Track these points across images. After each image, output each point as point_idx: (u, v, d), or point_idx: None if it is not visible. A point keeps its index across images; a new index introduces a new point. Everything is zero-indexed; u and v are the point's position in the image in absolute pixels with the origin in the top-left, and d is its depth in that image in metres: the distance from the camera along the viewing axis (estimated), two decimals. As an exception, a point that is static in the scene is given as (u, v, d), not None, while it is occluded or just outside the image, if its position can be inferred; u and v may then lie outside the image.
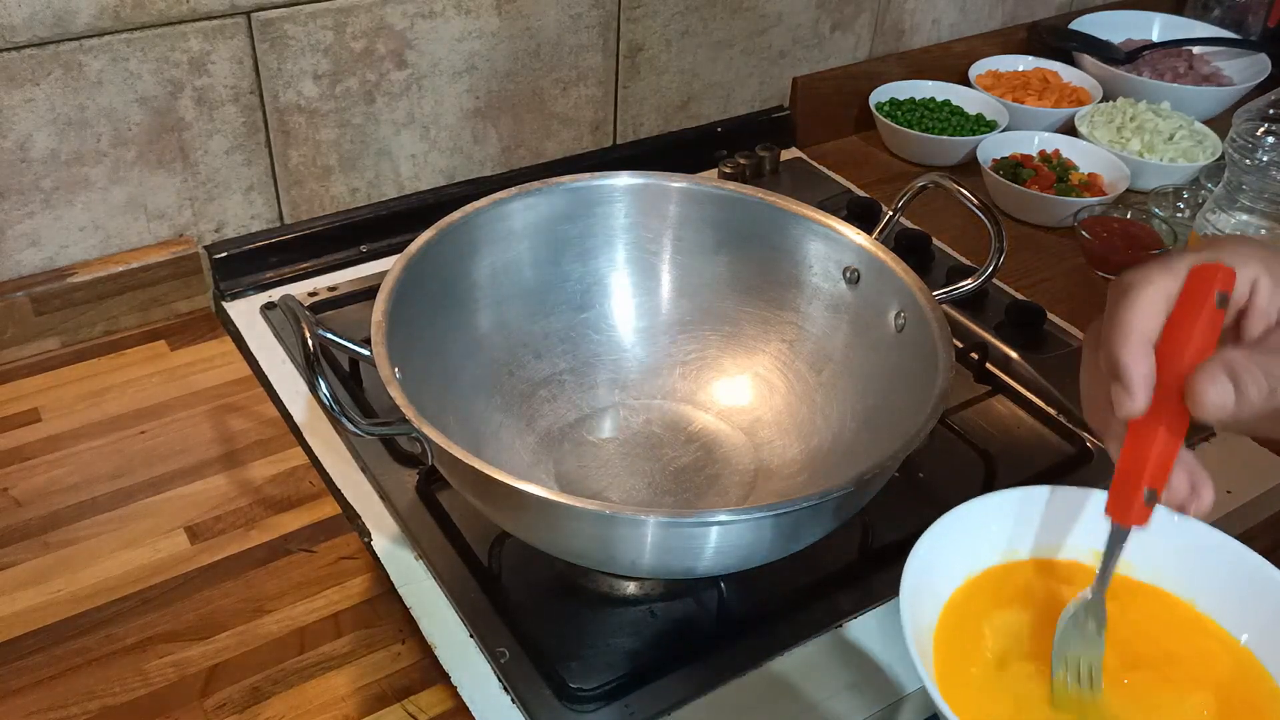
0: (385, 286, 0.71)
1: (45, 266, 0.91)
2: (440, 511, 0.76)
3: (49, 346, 0.91)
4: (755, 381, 0.85)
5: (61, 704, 0.64)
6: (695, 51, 1.16)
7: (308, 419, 0.84)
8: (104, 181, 0.90)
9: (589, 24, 1.07)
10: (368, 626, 0.69)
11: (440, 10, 0.98)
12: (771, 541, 0.64)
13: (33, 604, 0.70)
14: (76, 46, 0.84)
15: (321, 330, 0.67)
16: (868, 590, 0.72)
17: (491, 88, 1.05)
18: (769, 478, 0.79)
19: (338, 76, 0.96)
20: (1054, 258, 1.08)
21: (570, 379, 0.85)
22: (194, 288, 0.95)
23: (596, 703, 0.65)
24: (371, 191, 1.04)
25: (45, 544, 0.74)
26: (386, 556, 0.73)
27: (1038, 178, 1.14)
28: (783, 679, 0.67)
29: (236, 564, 0.73)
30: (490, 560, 0.72)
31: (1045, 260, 1.07)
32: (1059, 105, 1.27)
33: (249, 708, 0.64)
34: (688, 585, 0.72)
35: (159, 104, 0.89)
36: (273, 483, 0.79)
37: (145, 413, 0.84)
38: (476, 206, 0.79)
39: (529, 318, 0.84)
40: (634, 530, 0.61)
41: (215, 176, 0.95)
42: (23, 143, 0.85)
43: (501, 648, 0.67)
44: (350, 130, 0.99)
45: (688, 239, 0.86)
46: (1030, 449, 0.86)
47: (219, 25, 0.89)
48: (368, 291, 0.96)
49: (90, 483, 0.78)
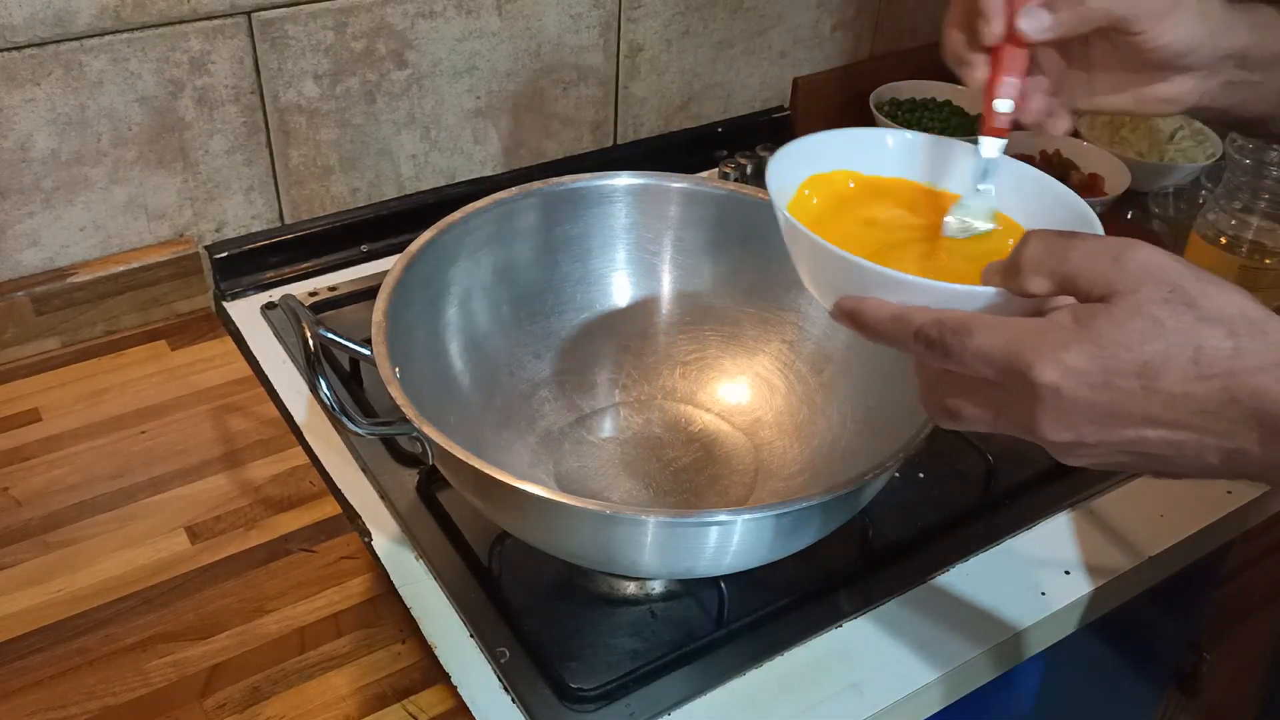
0: (385, 286, 0.71)
1: (45, 266, 0.91)
2: (440, 511, 0.76)
3: (49, 346, 0.91)
4: (755, 382, 0.85)
5: (61, 704, 0.64)
6: (696, 51, 1.16)
7: (308, 419, 0.84)
8: (104, 181, 0.90)
9: (589, 24, 1.07)
10: (368, 626, 0.69)
11: (441, 10, 0.98)
12: (771, 541, 0.64)
13: (33, 604, 0.70)
14: (77, 46, 0.84)
15: (322, 330, 0.67)
16: (868, 590, 0.72)
17: (492, 88, 1.05)
18: (769, 478, 0.79)
19: (338, 76, 0.96)
20: (1054, 258, 1.08)
21: (570, 379, 0.85)
22: (194, 288, 0.95)
23: (596, 703, 0.65)
24: (372, 191, 1.04)
25: (45, 544, 0.74)
26: (386, 556, 0.73)
27: (1038, 178, 1.13)
28: (783, 679, 0.67)
29: (236, 564, 0.73)
30: (490, 560, 0.72)
31: (1045, 260, 1.07)
32: (1059, 105, 1.27)
33: (249, 708, 0.64)
34: (688, 585, 0.72)
35: (159, 104, 0.89)
36: (273, 483, 0.79)
37: (145, 413, 0.84)
38: (476, 206, 0.79)
39: (529, 318, 0.84)
40: (634, 530, 0.61)
41: (216, 176, 0.95)
42: (23, 143, 0.85)
43: (501, 648, 0.67)
44: (351, 130, 0.99)
45: (688, 239, 0.86)
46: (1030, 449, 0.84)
47: (219, 25, 0.89)
48: (368, 291, 0.96)
49: (90, 483, 0.78)
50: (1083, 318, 0.45)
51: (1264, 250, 0.89)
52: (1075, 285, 0.46)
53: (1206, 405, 0.44)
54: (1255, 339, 0.44)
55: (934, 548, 0.76)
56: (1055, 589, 0.74)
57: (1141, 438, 0.46)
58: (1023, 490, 0.81)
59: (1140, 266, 0.45)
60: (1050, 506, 0.80)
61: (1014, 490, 0.81)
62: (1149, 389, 0.44)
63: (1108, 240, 0.47)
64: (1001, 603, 0.73)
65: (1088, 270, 0.46)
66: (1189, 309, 0.44)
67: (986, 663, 0.71)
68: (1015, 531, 0.78)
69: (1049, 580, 0.75)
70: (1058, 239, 0.47)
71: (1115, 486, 0.82)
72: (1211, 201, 0.92)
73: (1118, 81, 0.61)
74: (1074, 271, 0.46)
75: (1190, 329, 0.44)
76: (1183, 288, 0.45)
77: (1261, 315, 0.45)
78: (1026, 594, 0.73)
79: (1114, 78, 0.61)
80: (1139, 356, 0.44)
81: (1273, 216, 0.89)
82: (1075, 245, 0.47)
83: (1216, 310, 0.44)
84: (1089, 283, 0.46)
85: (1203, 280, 0.45)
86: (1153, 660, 1.00)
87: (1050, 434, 0.47)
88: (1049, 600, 0.73)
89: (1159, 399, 0.45)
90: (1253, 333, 0.44)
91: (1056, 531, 0.78)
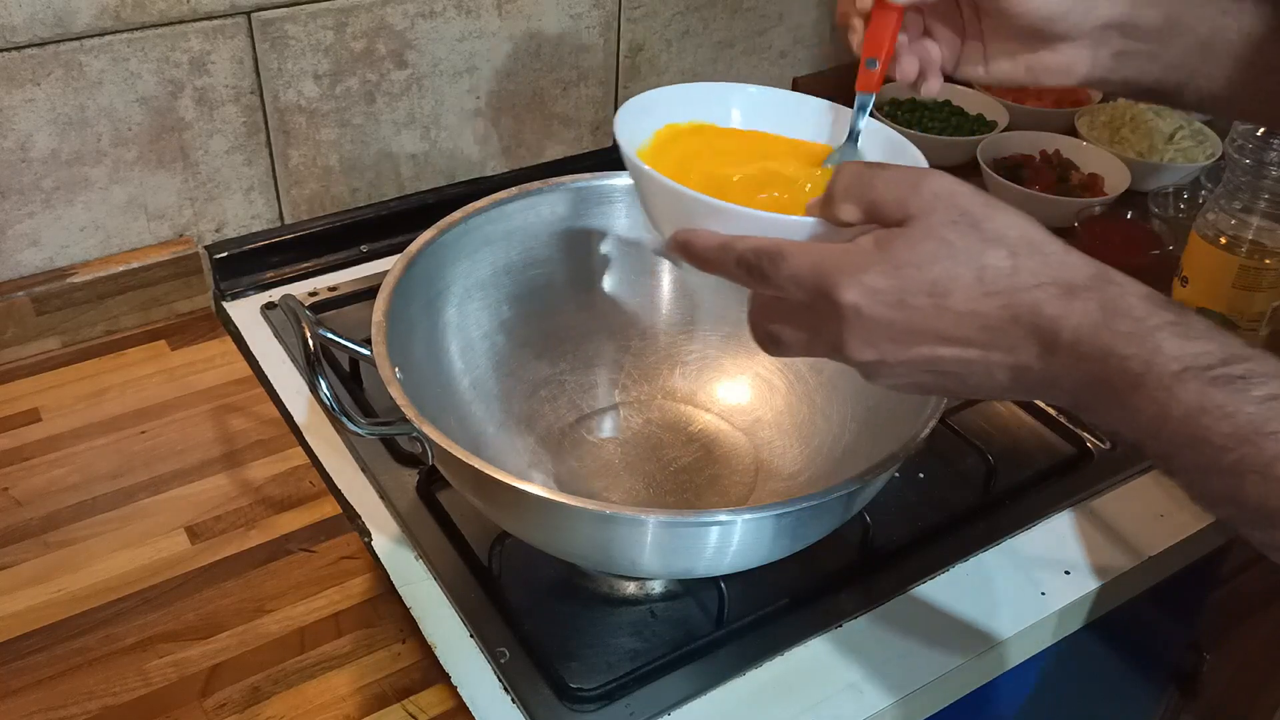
0: (385, 286, 0.71)
1: (45, 266, 0.91)
2: (440, 511, 0.76)
3: (49, 346, 0.91)
4: (755, 382, 0.85)
5: (61, 704, 0.64)
6: (696, 51, 1.16)
7: (308, 419, 0.84)
8: (104, 181, 0.90)
9: (589, 24, 1.07)
10: (368, 626, 0.69)
11: (441, 10, 0.98)
12: (771, 541, 0.64)
13: (33, 604, 0.70)
14: (77, 46, 0.84)
15: (322, 330, 0.67)
16: (868, 590, 0.72)
17: (492, 88, 1.05)
18: (769, 478, 0.79)
19: (338, 76, 0.96)
20: (1054, 258, 1.08)
21: (570, 379, 0.85)
22: (194, 288, 0.95)
23: (596, 703, 0.65)
24: (371, 191, 1.04)
25: (45, 544, 0.74)
26: (386, 556, 0.73)
27: (1038, 178, 1.14)
28: (783, 679, 0.67)
29: (236, 564, 0.73)
30: (490, 560, 0.72)
31: (1045, 260, 1.07)
32: (1059, 105, 1.27)
33: (249, 708, 0.64)
34: (688, 585, 0.72)
35: (159, 104, 0.89)
36: (273, 483, 0.79)
37: (145, 413, 0.84)
38: (476, 206, 0.79)
39: (529, 318, 0.84)
40: (634, 530, 0.61)
41: (215, 176, 0.95)
42: (23, 143, 0.85)
43: (501, 648, 0.67)
44: (351, 130, 0.99)
45: (688, 239, 0.86)
46: (1030, 449, 0.86)
47: (219, 25, 0.89)
48: (368, 291, 0.96)
49: (90, 483, 0.78)
50: (882, 241, 0.48)
51: (1264, 250, 0.89)
52: (879, 212, 0.49)
53: (990, 322, 0.47)
54: (1033, 257, 0.47)
55: (934, 548, 0.76)
56: (1055, 589, 0.74)
57: (936, 355, 0.49)
58: (1023, 490, 0.81)
59: (933, 193, 0.48)
60: (1050, 506, 0.80)
61: (1014, 490, 0.81)
62: (939, 307, 0.47)
63: (908, 170, 0.50)
64: (1002, 603, 0.73)
65: (888, 197, 0.49)
66: (974, 230, 0.47)
67: (987, 663, 0.71)
68: (1015, 531, 0.78)
69: (1049, 580, 0.75)
70: (865, 169, 0.50)
71: (1115, 486, 0.82)
72: (1211, 201, 0.92)
73: (1009, 52, 0.63)
74: (878, 199, 0.49)
75: (976, 249, 0.47)
76: (970, 212, 0.48)
77: (1041, 237, 0.48)
78: (1027, 594, 0.73)
79: (1005, 48, 0.63)
80: (929, 275, 0.47)
81: (1273, 216, 0.89)
82: (879, 175, 0.50)
83: (999, 232, 0.47)
84: (890, 208, 0.49)
85: (990, 206, 0.48)
86: (1153, 660, 1.00)
87: (856, 353, 0.50)
88: (1049, 600, 0.73)
89: (949, 316, 0.47)
90: (1031, 252, 0.47)
91: (1057, 531, 0.78)
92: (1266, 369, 0.44)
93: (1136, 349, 0.45)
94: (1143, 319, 0.45)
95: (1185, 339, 0.45)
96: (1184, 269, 0.94)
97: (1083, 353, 0.46)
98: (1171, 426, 0.45)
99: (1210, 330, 0.46)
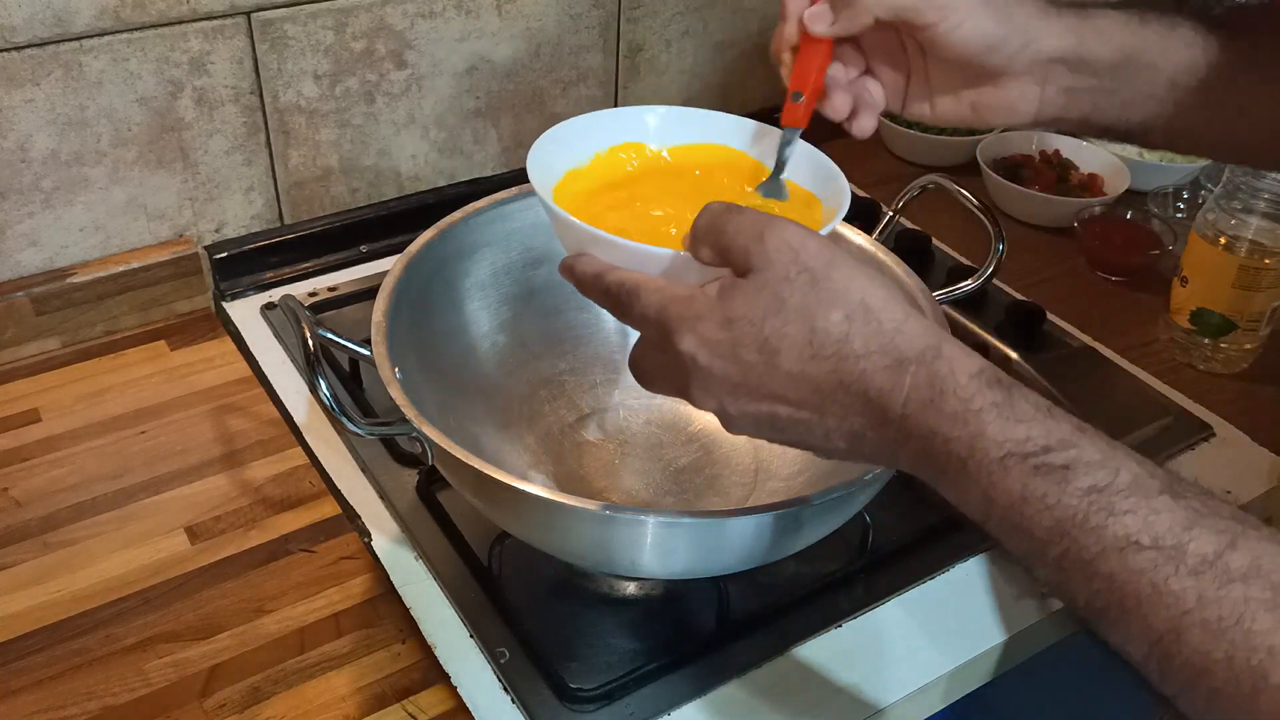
0: (385, 286, 0.71)
1: (45, 266, 0.91)
2: (440, 511, 0.76)
3: (49, 346, 0.91)
4: (755, 381, 0.85)
5: (61, 704, 0.64)
6: (695, 52, 1.16)
7: (308, 419, 0.84)
8: (104, 181, 0.90)
9: (589, 24, 1.07)
10: (368, 626, 0.69)
11: (440, 10, 0.98)
12: (771, 541, 0.64)
13: (33, 604, 0.70)
14: (77, 47, 0.84)
15: (321, 330, 0.67)
16: (868, 590, 0.72)
17: (491, 88, 1.05)
18: (769, 478, 0.79)
19: (338, 76, 0.96)
20: (1054, 258, 1.08)
21: (570, 379, 0.85)
22: (194, 288, 0.95)
23: (596, 703, 0.65)
24: (371, 191, 1.04)
25: (45, 544, 0.74)
26: (386, 556, 0.73)
27: (1038, 178, 1.14)
28: (782, 679, 0.67)
29: (236, 564, 0.73)
30: (490, 560, 0.72)
31: (1045, 260, 1.07)
32: (1059, 105, 1.27)
33: (249, 708, 0.64)
34: (688, 585, 0.72)
35: (159, 104, 0.89)
36: (273, 483, 0.79)
37: (145, 413, 0.84)
38: (476, 206, 0.79)
39: (529, 318, 0.84)
40: (634, 530, 0.61)
41: (215, 176, 0.95)
42: (23, 143, 0.85)
43: (501, 648, 0.67)
44: (350, 130, 0.99)
45: (688, 239, 0.86)
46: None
47: (219, 25, 0.89)
48: (368, 291, 0.96)
49: (90, 483, 0.78)
50: (725, 291, 0.47)
51: (1264, 250, 0.89)
52: (729, 258, 0.48)
53: (820, 386, 0.46)
54: (868, 324, 0.45)
55: (934, 548, 0.76)
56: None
57: (774, 413, 0.47)
58: (1023, 490, 0.81)
59: (777, 246, 0.46)
60: (1050, 506, 0.79)
61: (1014, 490, 0.81)
62: (770, 365, 0.46)
63: (760, 217, 0.48)
64: (1002, 603, 0.73)
65: (736, 244, 0.47)
66: (813, 288, 0.46)
67: (986, 663, 0.71)
68: (1015, 531, 0.78)
69: (1049, 580, 0.74)
70: (723, 212, 0.49)
71: (1115, 486, 0.82)
72: (1211, 201, 0.92)
73: (952, 88, 0.61)
74: (728, 245, 0.48)
75: (809, 309, 0.45)
76: (811, 269, 0.46)
77: (880, 302, 0.46)
78: (1027, 594, 0.73)
79: (948, 84, 0.61)
80: (761, 332, 0.46)
81: (1273, 216, 0.89)
82: (732, 219, 0.48)
83: (838, 293, 0.46)
84: (736, 256, 0.47)
85: (834, 265, 0.46)
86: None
87: (698, 401, 0.49)
88: (1049, 600, 0.73)
89: (779, 375, 0.46)
90: (866, 318, 0.45)
91: (1056, 531, 0.78)
92: (1091, 457, 0.42)
93: (961, 430, 0.44)
94: (968, 399, 0.44)
95: (1010, 421, 0.43)
96: (1184, 269, 0.94)
97: (909, 430, 0.45)
98: (998, 512, 0.44)
99: (1038, 413, 0.44)
